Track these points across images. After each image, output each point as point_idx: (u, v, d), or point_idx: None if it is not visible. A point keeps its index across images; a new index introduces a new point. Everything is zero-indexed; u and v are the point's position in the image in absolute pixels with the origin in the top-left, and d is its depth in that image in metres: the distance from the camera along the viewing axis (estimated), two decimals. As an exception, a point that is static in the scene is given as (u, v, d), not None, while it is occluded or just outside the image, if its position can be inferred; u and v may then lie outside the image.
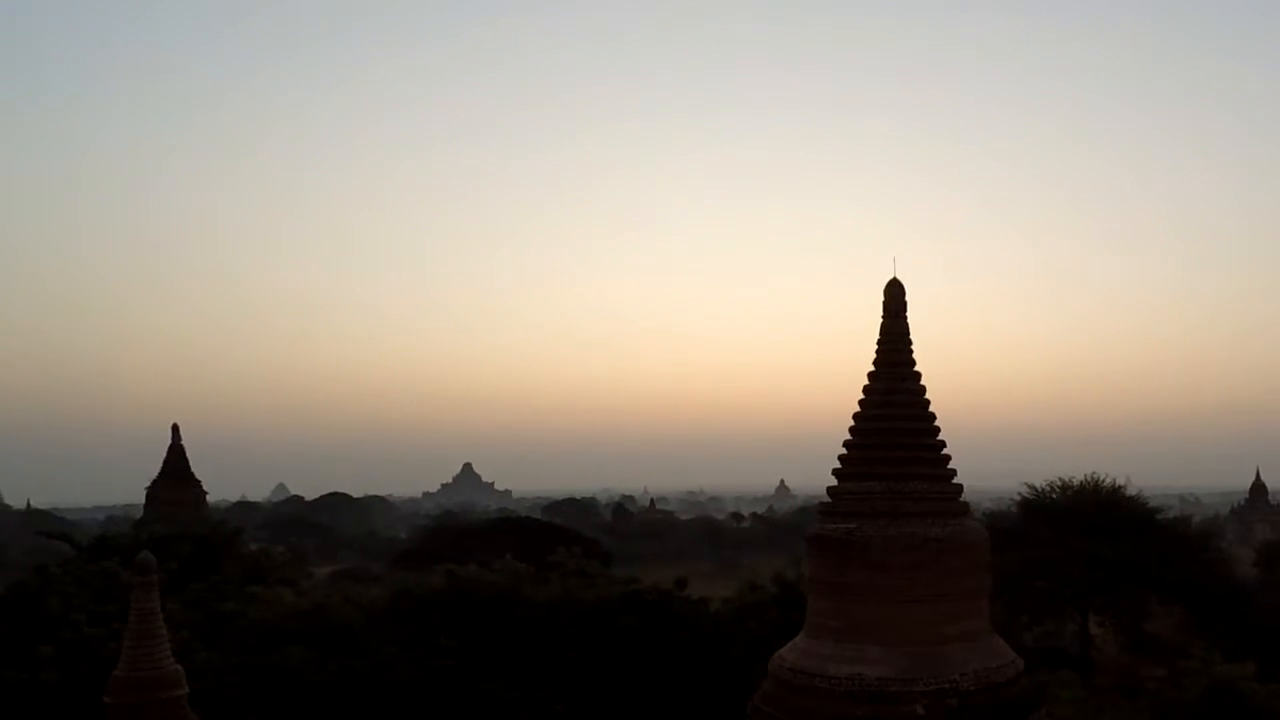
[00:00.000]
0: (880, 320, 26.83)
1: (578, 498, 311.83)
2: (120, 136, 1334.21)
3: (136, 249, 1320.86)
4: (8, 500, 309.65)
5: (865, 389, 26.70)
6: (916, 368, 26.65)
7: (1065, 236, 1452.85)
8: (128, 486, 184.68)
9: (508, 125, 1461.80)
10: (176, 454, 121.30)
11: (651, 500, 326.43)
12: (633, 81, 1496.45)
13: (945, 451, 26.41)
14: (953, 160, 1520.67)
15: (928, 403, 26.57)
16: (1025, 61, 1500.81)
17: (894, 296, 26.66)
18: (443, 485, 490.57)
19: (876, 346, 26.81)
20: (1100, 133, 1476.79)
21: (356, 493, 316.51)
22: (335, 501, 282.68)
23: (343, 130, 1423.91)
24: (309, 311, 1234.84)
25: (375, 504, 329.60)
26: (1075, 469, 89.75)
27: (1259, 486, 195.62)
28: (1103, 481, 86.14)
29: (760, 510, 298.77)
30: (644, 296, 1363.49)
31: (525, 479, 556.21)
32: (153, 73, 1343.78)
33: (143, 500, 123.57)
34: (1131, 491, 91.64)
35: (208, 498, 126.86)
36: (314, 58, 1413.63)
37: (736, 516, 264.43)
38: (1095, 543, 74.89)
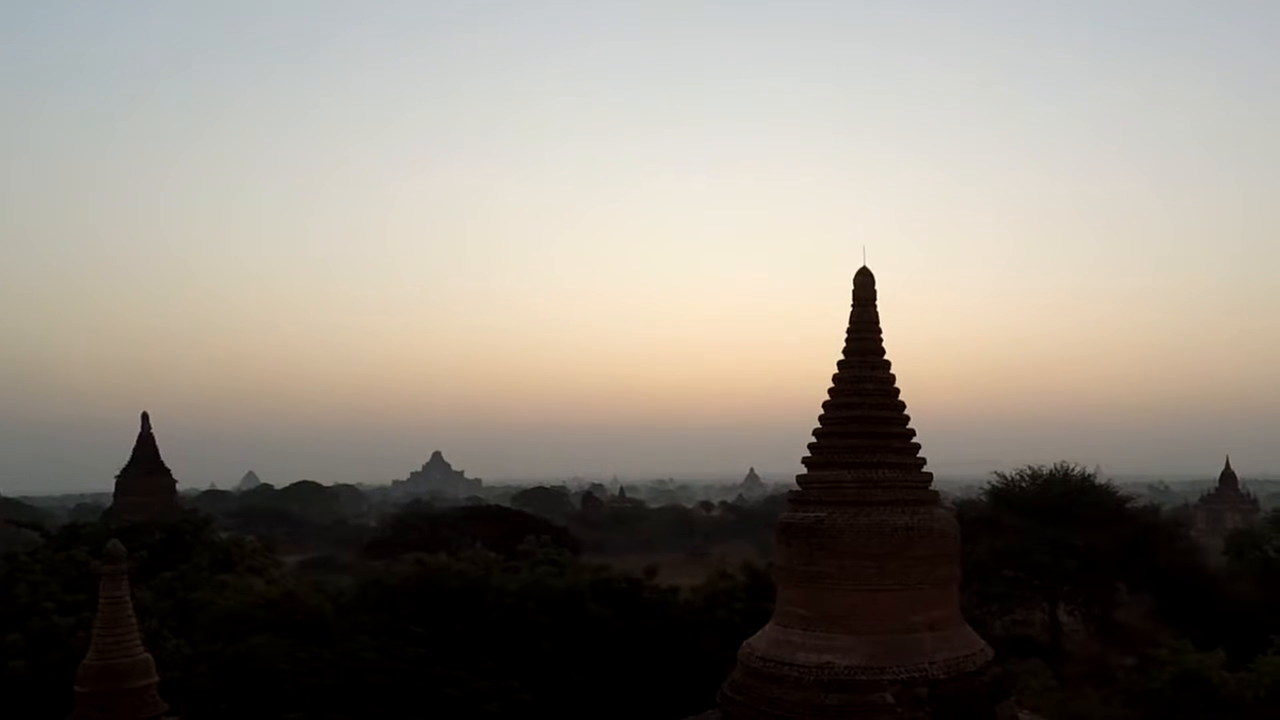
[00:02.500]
0: (850, 308, 26.86)
1: (547, 486, 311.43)
2: (86, 124, 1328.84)
3: (105, 238, 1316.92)
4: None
5: (834, 377, 26.67)
6: (886, 356, 26.68)
7: (1037, 226, 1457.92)
8: (97, 475, 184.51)
9: (477, 113, 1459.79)
10: (146, 443, 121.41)
11: (621, 489, 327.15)
12: (598, 61, 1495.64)
13: (915, 440, 26.45)
14: (925, 149, 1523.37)
15: (897, 391, 26.56)
16: (1006, 39, 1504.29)
17: (863, 285, 26.63)
18: (412, 474, 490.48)
19: (846, 335, 26.79)
20: (1074, 118, 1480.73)
21: (326, 481, 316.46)
22: (305, 490, 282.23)
23: (308, 115, 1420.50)
24: (279, 300, 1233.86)
25: (345, 493, 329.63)
26: (1045, 457, 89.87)
27: (1229, 475, 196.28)
28: (1072, 470, 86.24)
29: (730, 499, 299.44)
30: (613, 286, 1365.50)
31: (495, 468, 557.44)
32: (107, 59, 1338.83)
33: (112, 489, 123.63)
34: (1101, 480, 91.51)
35: (177, 486, 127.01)
36: (268, 35, 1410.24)
37: (706, 505, 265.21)
38: (1065, 531, 74.99)
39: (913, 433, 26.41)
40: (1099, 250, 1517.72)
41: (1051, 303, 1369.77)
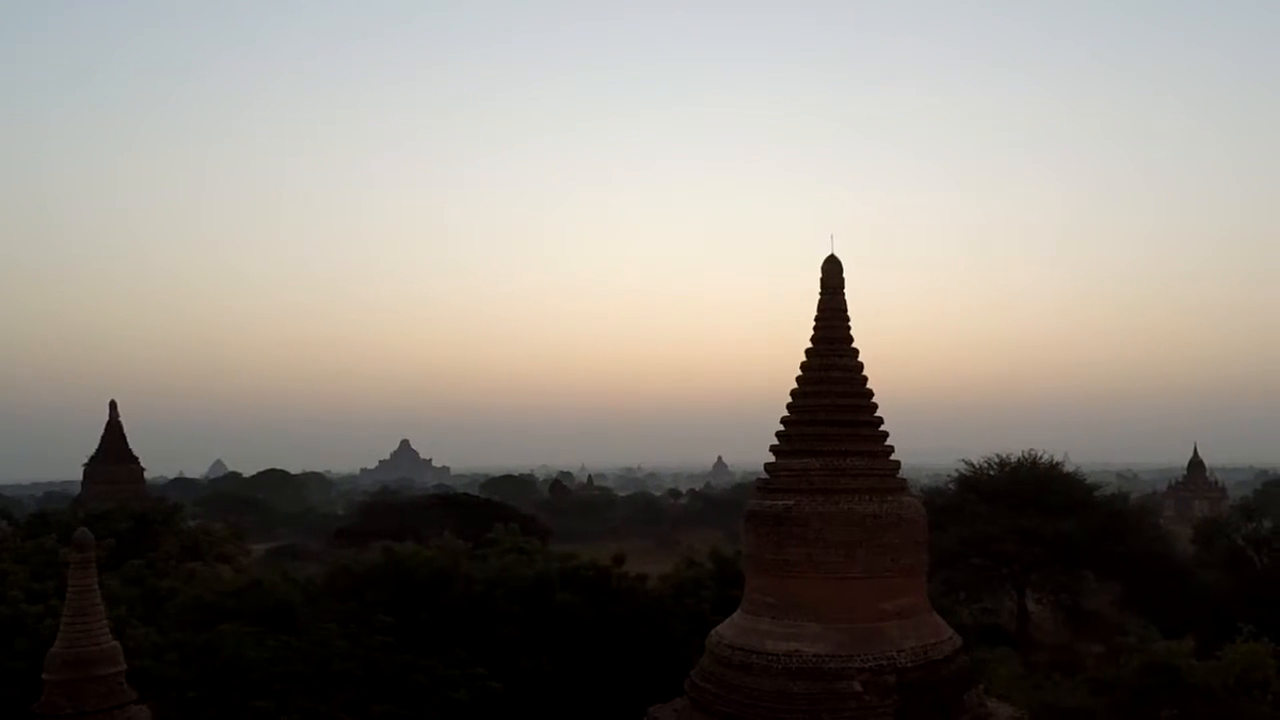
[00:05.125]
0: (818, 296, 26.86)
1: (515, 474, 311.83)
2: (48, 114, 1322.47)
3: (71, 226, 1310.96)
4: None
5: (803, 365, 26.71)
6: (854, 344, 26.69)
7: (1006, 215, 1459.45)
8: (65, 463, 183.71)
9: (453, 100, 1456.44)
10: (114, 431, 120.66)
11: (589, 477, 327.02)
12: (571, 48, 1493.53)
13: (883, 428, 26.48)
14: (897, 136, 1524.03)
15: (865, 379, 26.61)
16: (979, 22, 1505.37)
17: (831, 273, 26.68)
18: (380, 462, 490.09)
19: (814, 323, 26.82)
20: (1045, 97, 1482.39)
21: (294, 469, 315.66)
22: (273, 478, 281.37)
23: (277, 107, 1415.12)
24: (247, 288, 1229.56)
25: (313, 480, 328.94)
26: (1013, 445, 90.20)
27: (1197, 463, 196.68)
28: (1040, 458, 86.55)
29: (698, 487, 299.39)
30: (583, 276, 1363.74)
31: (463, 455, 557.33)
32: (63, 49, 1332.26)
33: (80, 477, 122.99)
34: (1069, 468, 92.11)
35: (145, 474, 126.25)
36: (229, 15, 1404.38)
37: (674, 493, 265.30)
38: (1033, 519, 75.21)
39: (881, 420, 26.47)
40: (1067, 239, 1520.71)
41: (1019, 291, 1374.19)
